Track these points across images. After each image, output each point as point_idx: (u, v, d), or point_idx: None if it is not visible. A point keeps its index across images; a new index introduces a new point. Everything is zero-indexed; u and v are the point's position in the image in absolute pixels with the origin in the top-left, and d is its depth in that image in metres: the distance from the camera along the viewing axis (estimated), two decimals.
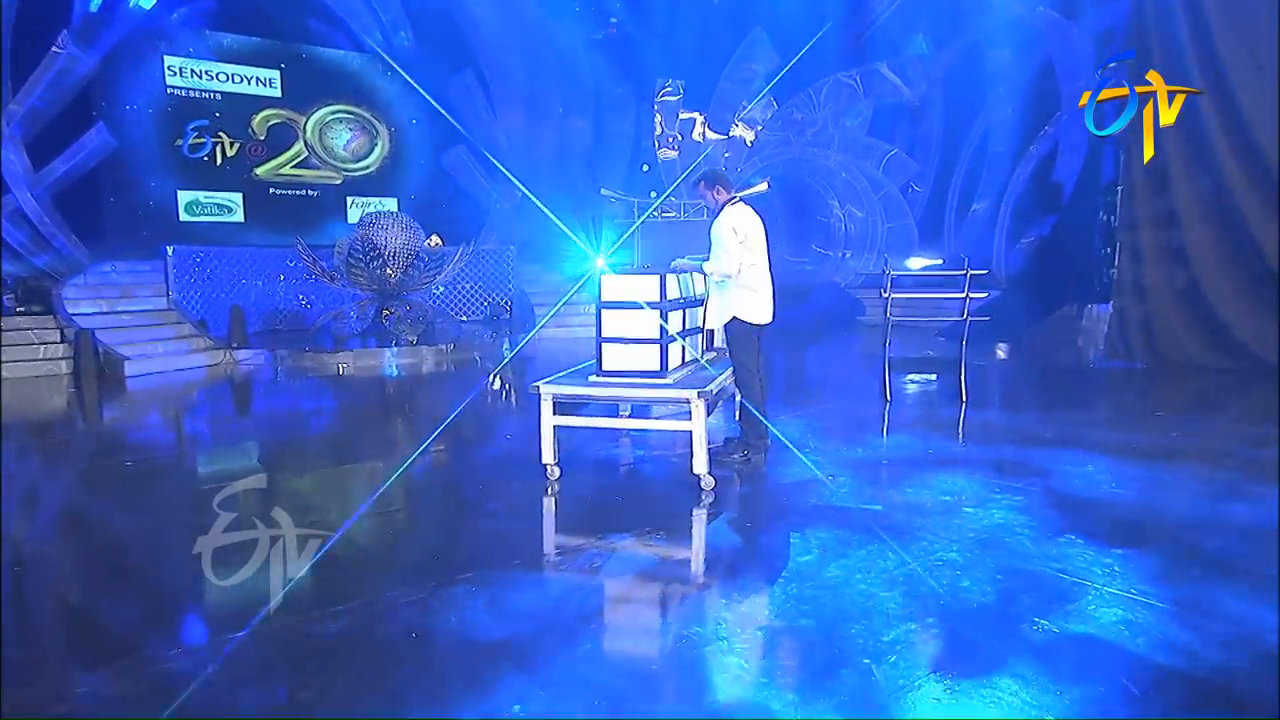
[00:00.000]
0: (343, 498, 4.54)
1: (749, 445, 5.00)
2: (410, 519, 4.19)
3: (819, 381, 9.10)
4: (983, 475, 4.70)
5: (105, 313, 9.54)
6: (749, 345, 4.90)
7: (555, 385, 4.57)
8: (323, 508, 4.31)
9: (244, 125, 13.49)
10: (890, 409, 6.83)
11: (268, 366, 9.79)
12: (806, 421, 6.27)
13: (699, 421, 4.37)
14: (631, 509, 4.22)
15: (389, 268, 10.49)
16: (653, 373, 4.61)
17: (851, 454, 5.23)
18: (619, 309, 4.64)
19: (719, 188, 4.95)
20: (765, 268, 4.98)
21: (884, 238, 16.20)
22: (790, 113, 16.05)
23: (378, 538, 3.82)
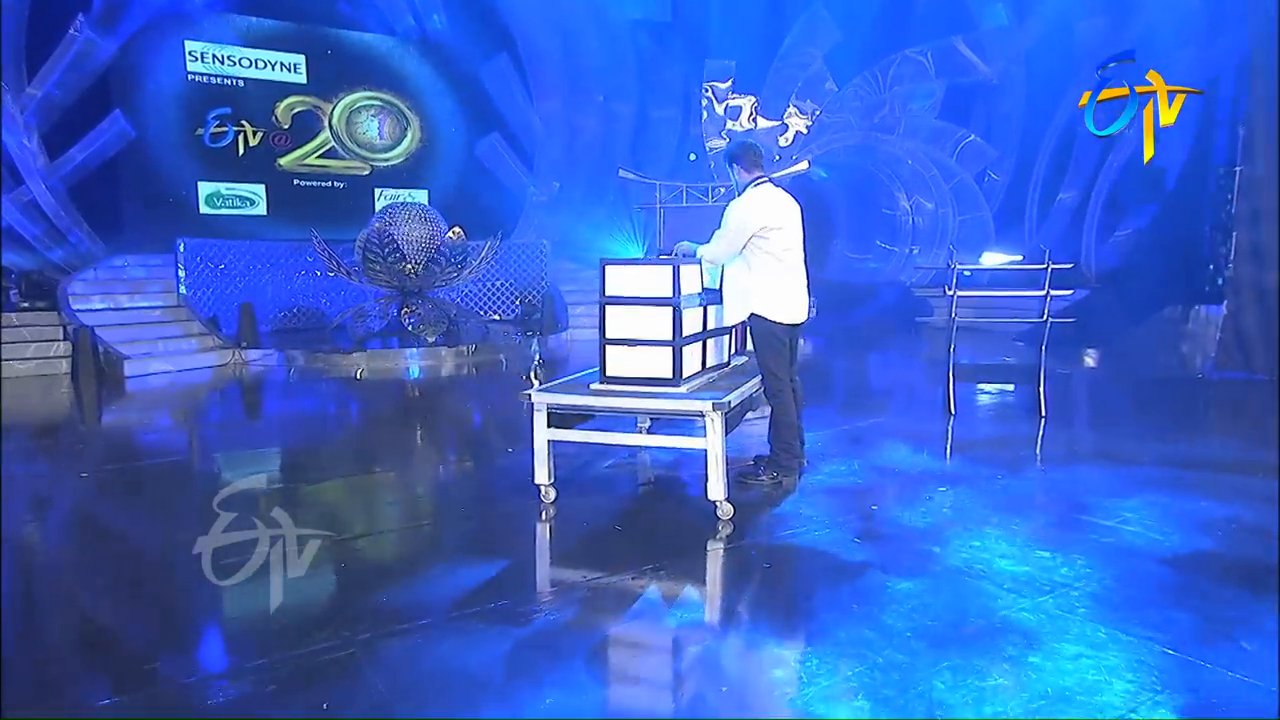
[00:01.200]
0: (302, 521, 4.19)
1: (779, 466, 4.49)
2: (375, 548, 3.80)
3: (876, 391, 8.48)
4: (1063, 512, 4.08)
5: (112, 309, 9.53)
6: (775, 348, 4.39)
7: (550, 394, 4.13)
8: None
9: (268, 113, 13.50)
10: (954, 424, 6.21)
11: (280, 368, 9.65)
12: (855, 437, 5.71)
13: (715, 439, 3.88)
14: (634, 540, 3.76)
15: (407, 263, 10.25)
16: (664, 380, 4.14)
17: (904, 479, 4.66)
18: (625, 305, 4.18)
19: (743, 165, 4.46)
20: (797, 258, 4.47)
21: (956, 231, 15.34)
22: (852, 95, 15.35)
23: (331, 570, 3.44)
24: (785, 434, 4.48)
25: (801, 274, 4.51)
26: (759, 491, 4.41)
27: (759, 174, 4.47)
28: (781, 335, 4.41)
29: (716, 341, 4.71)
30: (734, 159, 4.50)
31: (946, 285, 6.34)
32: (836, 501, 4.25)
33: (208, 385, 8.50)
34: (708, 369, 4.57)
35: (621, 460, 5.02)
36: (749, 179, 4.46)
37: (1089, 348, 10.49)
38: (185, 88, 12.73)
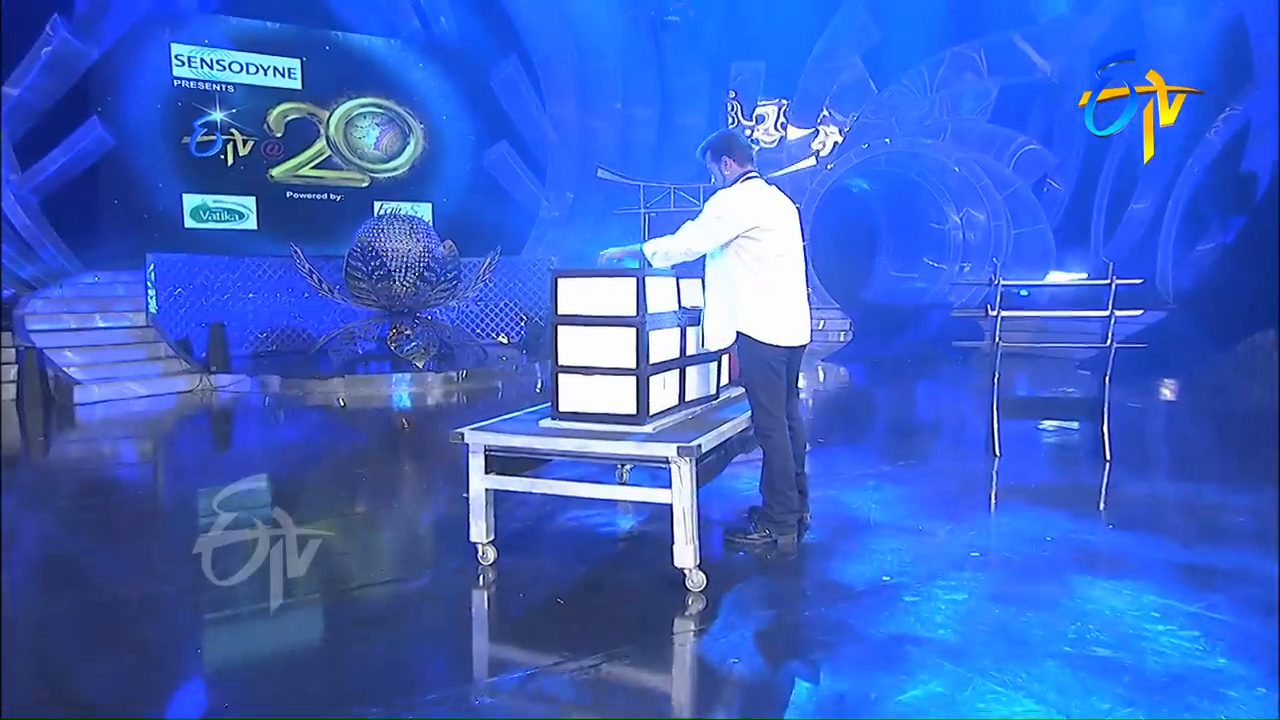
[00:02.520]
0: (176, 584, 3.69)
1: (773, 522, 3.89)
2: (264, 625, 3.27)
3: (913, 428, 7.80)
4: (1138, 588, 3.41)
5: (72, 329, 9.28)
6: (767, 377, 3.81)
7: (488, 432, 3.60)
8: (148, 606, 3.47)
9: (259, 121, 13.36)
10: (999, 468, 5.54)
11: (255, 394, 9.30)
12: (879, 484, 5.09)
13: (682, 492, 3.30)
14: (575, 619, 3.19)
15: (394, 280, 9.87)
16: (627, 417, 3.58)
17: (931, 539, 4.03)
18: (581, 325, 3.65)
19: (728, 159, 3.94)
20: (795, 267, 3.90)
21: (1011, 247, 14.59)
22: (895, 98, 14.76)
23: (193, 656, 2.93)
24: (780, 483, 3.89)
25: (801, 286, 3.95)
26: (748, 554, 3.82)
27: (749, 169, 3.94)
28: (775, 361, 3.83)
29: (701, 370, 4.15)
30: (720, 152, 3.96)
31: (990, 305, 5.70)
32: (842, 569, 3.63)
33: (164, 415, 8.15)
34: (687, 403, 4.00)
35: (592, 511, 4.45)
36: (738, 174, 3.92)
37: (1165, 378, 9.68)
38: (170, 93, 12.64)
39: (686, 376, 3.99)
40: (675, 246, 3.79)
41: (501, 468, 3.67)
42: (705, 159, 4.03)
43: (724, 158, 3.94)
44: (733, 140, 3.96)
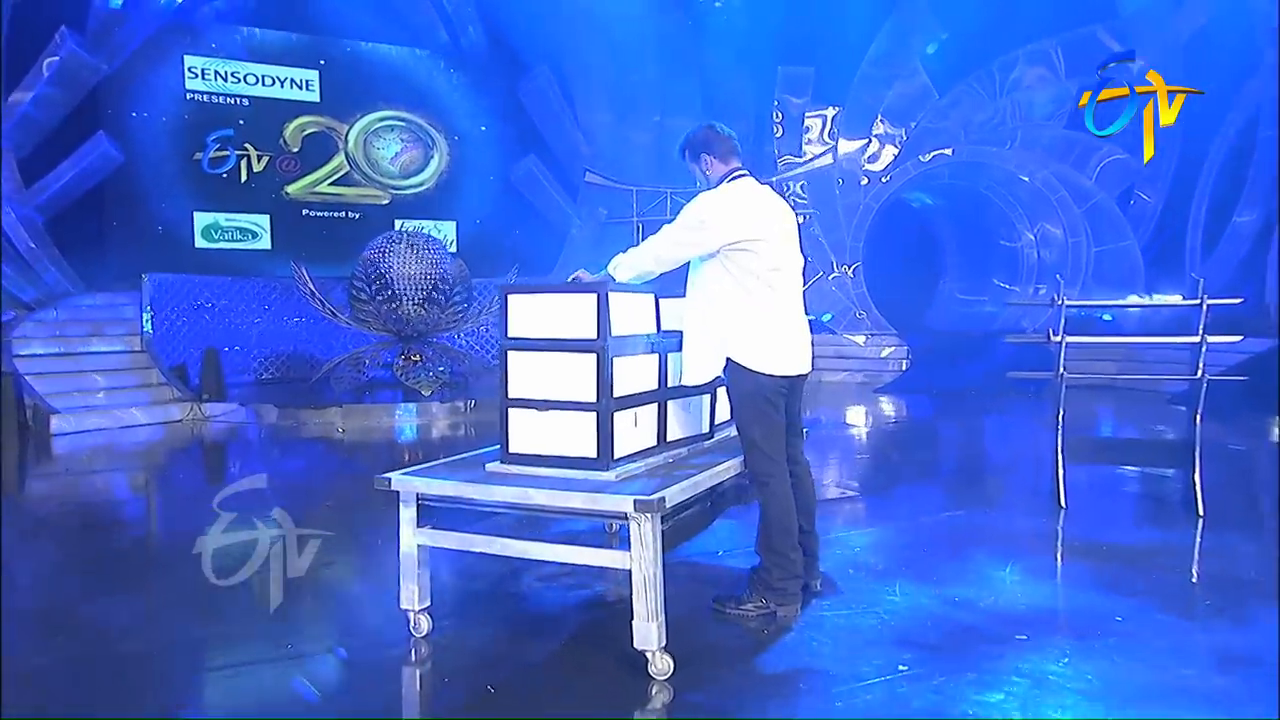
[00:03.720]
0: (71, 655, 3.34)
1: (770, 588, 3.39)
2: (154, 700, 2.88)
3: (969, 472, 7.17)
4: (1233, 692, 2.80)
5: (59, 354, 9.22)
6: (762, 412, 3.34)
7: (420, 478, 3.18)
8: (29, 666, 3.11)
9: (275, 135, 13.38)
10: (1064, 524, 4.91)
11: (252, 424, 9.10)
12: (914, 541, 4.53)
13: (643, 556, 2.83)
14: (511, 707, 2.72)
15: (401, 302, 9.62)
16: (585, 461, 3.13)
17: (968, 615, 3.46)
18: (534, 350, 3.22)
19: (709, 156, 3.53)
20: (792, 284, 3.45)
21: (1092, 266, 13.76)
22: (959, 102, 14.14)
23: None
24: (780, 540, 3.39)
25: (799, 305, 3.49)
26: (739, 627, 3.32)
27: (736, 166, 3.51)
28: (772, 393, 3.36)
29: (688, 404, 3.68)
30: (698, 148, 3.54)
31: (1052, 329, 5.11)
32: (852, 652, 3.10)
33: (141, 448, 7.96)
34: (669, 444, 3.53)
35: (565, 570, 3.98)
36: (723, 174, 3.50)
37: (1276, 416, 8.82)
38: (182, 107, 12.73)
39: (668, 412, 3.52)
40: (641, 257, 3.37)
41: (441, 519, 3.24)
42: (684, 159, 3.64)
43: (703, 155, 3.53)
44: (713, 133, 3.53)
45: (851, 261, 14.47)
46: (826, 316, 14.48)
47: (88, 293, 10.72)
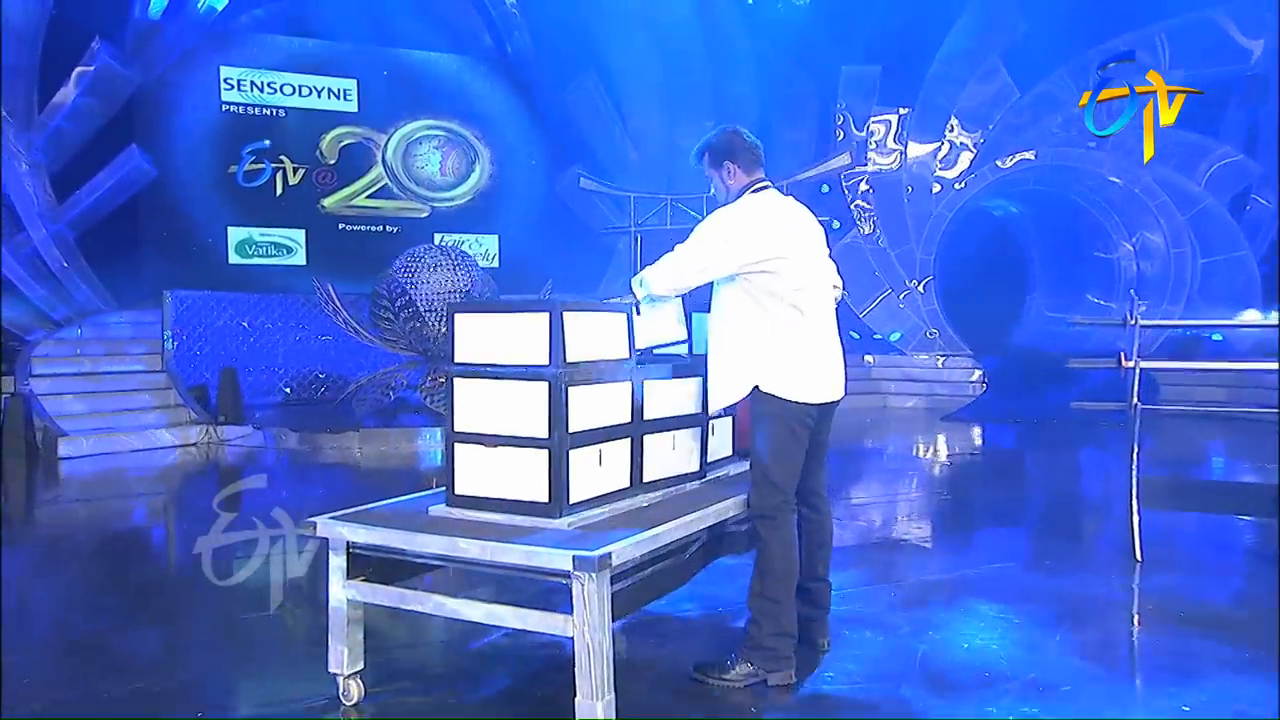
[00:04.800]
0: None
1: (761, 650, 3.05)
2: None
3: (1034, 512, 6.62)
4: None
5: (78, 374, 9.35)
6: (784, 443, 3.09)
7: (348, 523, 2.92)
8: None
9: (311, 147, 13.50)
10: (1139, 580, 4.41)
11: (269, 449, 9.08)
12: (952, 596, 4.09)
13: (587, 620, 2.50)
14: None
15: (426, 320, 9.48)
16: (535, 506, 2.84)
17: (1003, 688, 3.03)
18: (483, 376, 2.95)
19: (732, 165, 3.29)
20: (822, 304, 3.22)
21: (1198, 279, 12.92)
22: (1043, 100, 13.50)
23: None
24: (774, 586, 3.07)
25: (829, 326, 3.24)
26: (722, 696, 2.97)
27: (759, 177, 3.28)
28: (799, 423, 3.10)
29: (671, 439, 3.34)
30: (720, 155, 3.31)
31: (1122, 354, 4.63)
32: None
33: (153, 473, 7.96)
34: (648, 484, 3.20)
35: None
36: (744, 185, 3.26)
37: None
38: (218, 119, 12.94)
39: (644, 449, 3.19)
40: (661, 278, 3.20)
41: (377, 570, 2.97)
42: (703, 165, 3.41)
43: (726, 163, 3.30)
44: (738, 139, 3.31)
45: (922, 276, 13.92)
46: (895, 336, 13.96)
47: (115, 310, 10.91)
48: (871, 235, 13.91)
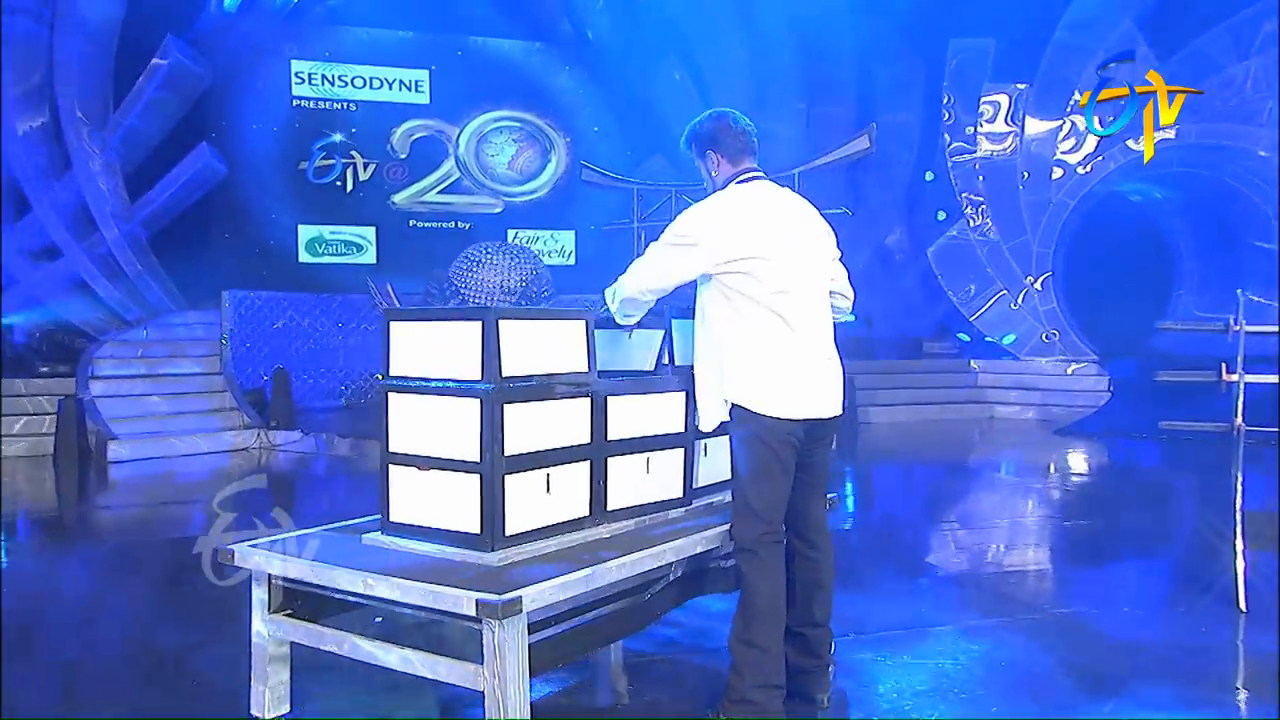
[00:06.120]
0: None
1: (741, 700, 2.83)
2: None
3: (1124, 549, 6.00)
4: None
5: (137, 376, 9.71)
6: (764, 463, 2.85)
7: (264, 551, 2.79)
8: None
9: (382, 141, 13.77)
10: (1244, 635, 3.91)
11: (321, 454, 9.24)
12: (1016, 643, 3.70)
13: (499, 673, 2.30)
14: None
15: None
16: (467, 537, 2.65)
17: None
18: (417, 392, 2.79)
19: (715, 154, 3.08)
20: (810, 308, 2.94)
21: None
22: (1185, 69, 12.53)
23: None
24: (759, 630, 2.81)
25: (822, 337, 2.96)
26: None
27: (748, 166, 3.04)
28: (777, 440, 2.83)
29: (643, 462, 3.10)
30: (705, 142, 3.08)
31: (1227, 365, 4.13)
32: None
33: (201, 478, 8.16)
34: (610, 513, 2.98)
35: None
36: (730, 175, 3.04)
37: None
38: (288, 114, 13.33)
39: (609, 473, 2.97)
40: (626, 286, 3.07)
41: (306, 605, 2.84)
42: (690, 152, 3.20)
43: (709, 151, 3.09)
44: (723, 124, 3.08)
45: (1039, 271, 13.14)
46: (1008, 339, 13.24)
47: (182, 311, 11.33)
48: (980, 226, 13.22)
